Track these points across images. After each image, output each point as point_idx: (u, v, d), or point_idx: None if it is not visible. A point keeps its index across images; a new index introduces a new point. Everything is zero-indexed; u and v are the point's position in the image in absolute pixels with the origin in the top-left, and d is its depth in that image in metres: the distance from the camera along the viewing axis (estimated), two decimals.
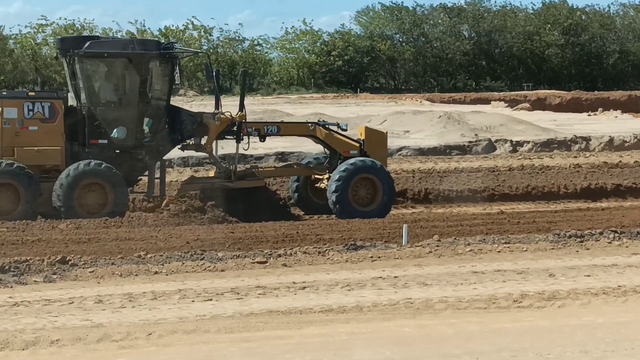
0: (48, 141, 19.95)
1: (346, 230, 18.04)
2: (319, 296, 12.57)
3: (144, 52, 20.71)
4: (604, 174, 26.91)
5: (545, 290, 12.70)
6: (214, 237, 17.27)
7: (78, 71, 20.36)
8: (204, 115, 21.17)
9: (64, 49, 20.69)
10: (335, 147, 21.68)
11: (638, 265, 14.34)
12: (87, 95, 20.35)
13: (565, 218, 19.41)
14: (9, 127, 19.77)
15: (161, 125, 20.76)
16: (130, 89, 20.70)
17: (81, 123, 20.27)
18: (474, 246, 15.95)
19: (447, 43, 74.21)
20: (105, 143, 20.38)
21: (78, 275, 14.09)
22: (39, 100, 20.14)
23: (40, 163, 19.94)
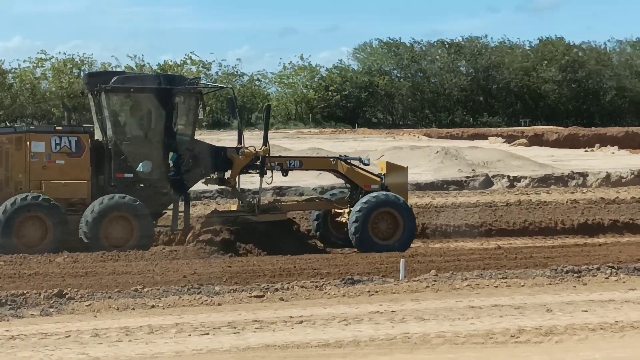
0: (75, 175, 20.22)
1: (343, 265, 18.03)
2: (316, 330, 12.54)
3: (170, 87, 20.89)
4: (601, 210, 26.94)
5: (543, 326, 12.68)
6: (211, 271, 17.26)
7: (105, 106, 20.54)
8: (227, 149, 21.37)
9: (91, 84, 20.96)
10: (356, 182, 21.79)
11: (635, 301, 14.33)
12: (113, 129, 20.58)
13: (562, 253, 19.40)
14: (36, 160, 19.99)
15: (185, 160, 20.89)
16: (156, 124, 20.93)
17: (107, 157, 20.47)
18: (471, 281, 15.95)
19: (444, 79, 74.59)
20: (130, 177, 20.60)
21: (75, 308, 14.07)
22: (65, 134, 20.39)
23: (67, 196, 20.12)
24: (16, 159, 20.00)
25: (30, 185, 19.95)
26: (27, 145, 20.02)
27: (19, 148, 20.03)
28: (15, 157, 20.01)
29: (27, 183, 19.97)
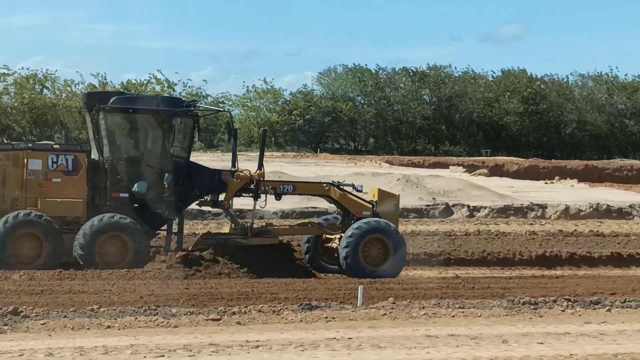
0: (71, 193, 20.27)
1: (302, 290, 18.01)
2: (272, 356, 12.51)
3: (168, 109, 20.98)
4: (559, 242, 27.09)
5: (498, 357, 12.70)
6: (169, 292, 17.19)
7: (102, 125, 20.65)
8: (222, 172, 21.52)
9: (89, 104, 21.07)
10: (348, 208, 21.89)
11: (590, 334, 14.39)
12: (110, 149, 20.71)
13: (519, 285, 19.47)
14: (33, 178, 20.08)
15: (180, 181, 21.00)
16: (153, 145, 21.12)
17: (103, 176, 20.56)
18: (429, 310, 15.96)
19: (408, 107, 74.90)
20: (126, 196, 20.63)
21: (29, 327, 13.96)
22: (63, 153, 20.47)
23: (63, 214, 20.19)
24: (13, 176, 20.15)
25: (26, 203, 20.00)
26: (25, 163, 20.17)
27: (16, 165, 20.17)
28: (12, 174, 20.15)
29: (24, 200, 20.03)
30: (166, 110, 20.90)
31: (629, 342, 13.90)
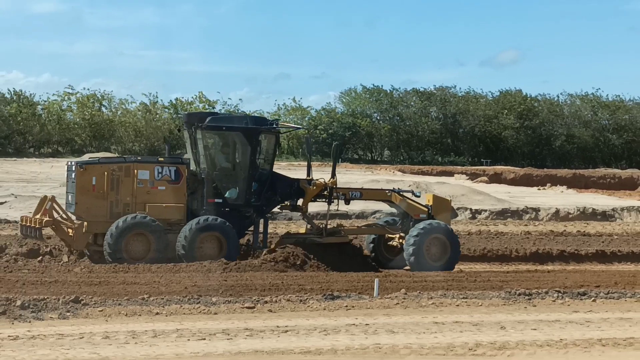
0: (173, 199, 20.60)
1: (325, 282, 17.98)
2: (299, 339, 12.50)
3: (256, 127, 21.19)
4: (550, 241, 26.99)
5: (497, 341, 12.66)
6: (209, 283, 17.19)
7: (199, 141, 20.97)
8: (300, 180, 21.75)
9: (189, 123, 21.33)
10: (407, 211, 21.95)
11: (578, 322, 14.34)
12: (206, 161, 20.93)
13: (515, 278, 19.38)
14: (141, 186, 20.37)
15: (265, 188, 21.21)
16: (242, 158, 21.18)
17: (200, 184, 20.85)
18: (436, 300, 15.93)
19: (418, 122, 74.78)
20: (220, 202, 20.87)
21: (89, 313, 14.01)
22: (166, 165, 20.75)
23: (166, 217, 20.44)
24: (125, 185, 20.31)
25: (136, 207, 20.29)
26: (135, 173, 20.41)
27: (127, 175, 20.37)
28: (124, 183, 20.32)
29: (134, 205, 20.31)
30: (254, 128, 21.11)
31: (611, 329, 13.84)
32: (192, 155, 21.15)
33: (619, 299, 16.71)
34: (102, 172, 20.26)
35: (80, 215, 20.26)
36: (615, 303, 16.33)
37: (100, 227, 20.08)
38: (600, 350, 12.40)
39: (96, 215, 20.11)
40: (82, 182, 20.11)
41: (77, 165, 20.31)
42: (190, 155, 21.20)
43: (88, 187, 20.10)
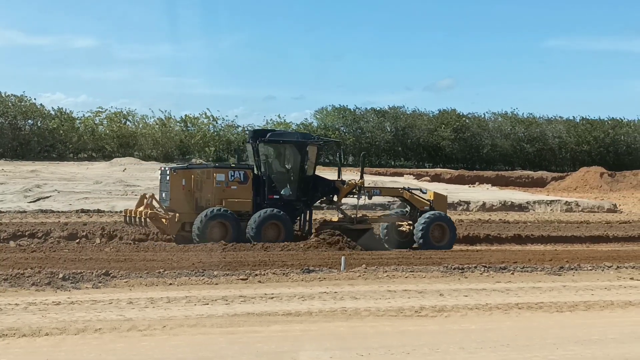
0: (243, 195, 21.15)
1: (303, 259, 17.96)
2: (282, 304, 12.49)
3: (304, 140, 21.79)
4: (478, 227, 27.09)
5: (437, 305, 12.70)
6: (212, 260, 17.14)
7: (261, 151, 21.43)
8: (335, 181, 22.28)
9: (254, 137, 21.73)
10: (415, 204, 22.56)
11: (500, 290, 14.40)
12: (266, 167, 21.45)
13: (451, 256, 19.46)
14: (219, 186, 20.95)
15: (309, 187, 21.78)
16: (294, 164, 21.76)
17: (262, 184, 21.38)
18: (389, 273, 15.95)
19: (375, 134, 74.82)
20: (277, 197, 21.44)
21: (116, 284, 13.94)
22: (237, 169, 21.42)
23: (238, 209, 20.94)
24: (207, 185, 20.87)
25: (215, 202, 20.79)
26: (214, 176, 20.99)
27: (208, 178, 20.93)
28: (206, 184, 20.88)
29: (213, 201, 20.82)
30: (302, 141, 21.73)
31: (526, 295, 13.91)
32: (255, 162, 21.64)
33: (532, 272, 16.80)
34: (190, 175, 20.95)
35: (173, 208, 20.80)
36: (529, 275, 16.41)
37: (188, 217, 20.64)
38: (517, 312, 12.47)
39: (185, 208, 20.71)
40: (174, 183, 20.77)
41: (171, 170, 21.01)
42: (253, 162, 21.73)
43: (179, 186, 20.73)
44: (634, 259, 19.37)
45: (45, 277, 13.87)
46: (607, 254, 20.95)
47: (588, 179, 57.67)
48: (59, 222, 23.54)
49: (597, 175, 57.91)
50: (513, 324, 11.57)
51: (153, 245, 19.98)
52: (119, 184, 38.84)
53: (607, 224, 29.83)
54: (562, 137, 77.82)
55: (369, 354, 9.63)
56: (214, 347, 9.79)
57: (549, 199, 38.22)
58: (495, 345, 10.16)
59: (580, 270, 17.22)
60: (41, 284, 13.44)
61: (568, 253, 20.79)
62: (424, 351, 9.77)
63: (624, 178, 58.20)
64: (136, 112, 70.53)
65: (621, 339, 10.72)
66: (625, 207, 39.81)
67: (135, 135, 67.15)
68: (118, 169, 49.89)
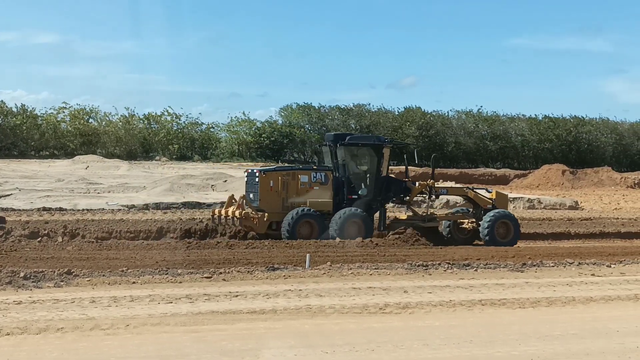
0: (324, 196, 22.17)
1: (268, 257, 17.93)
2: (247, 302, 12.46)
3: (380, 143, 22.60)
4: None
5: (401, 302, 12.75)
6: (176, 259, 17.04)
7: (339, 154, 22.39)
8: (407, 182, 23.17)
9: (333, 141, 22.60)
10: (479, 203, 23.43)
11: (463, 287, 14.50)
12: (345, 168, 22.41)
13: (416, 253, 19.53)
14: (303, 187, 22.02)
15: (384, 187, 22.63)
16: (370, 165, 22.65)
17: (341, 185, 22.36)
18: (354, 270, 15.98)
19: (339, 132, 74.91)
20: (356, 197, 22.32)
21: (78, 282, 13.80)
22: (319, 171, 22.46)
23: (321, 209, 21.91)
24: (291, 186, 21.91)
25: (300, 202, 21.80)
26: (298, 178, 22.07)
27: (293, 179, 21.99)
28: (291, 185, 21.91)
29: (299, 201, 21.80)
30: (379, 144, 22.56)
31: (489, 292, 14.02)
32: (333, 164, 22.57)
33: (495, 269, 16.93)
34: (277, 177, 21.95)
35: (262, 208, 21.72)
36: (492, 272, 16.54)
37: (276, 216, 21.65)
38: (480, 309, 12.56)
39: (273, 208, 21.71)
40: (263, 184, 21.77)
41: (260, 172, 22.03)
42: (332, 165, 22.62)
43: (267, 188, 21.76)
44: (595, 256, 19.63)
45: (6, 276, 13.69)
46: (568, 250, 21.20)
47: (550, 176, 58.37)
48: (20, 220, 23.25)
49: (559, 173, 58.63)
50: (476, 320, 11.66)
51: (116, 243, 19.79)
52: (82, 181, 38.48)
53: (568, 221, 30.18)
54: (525, 135, 78.60)
55: (333, 351, 9.64)
56: (177, 345, 9.73)
57: (512, 196, 38.53)
58: (458, 341, 10.23)
59: (543, 266, 17.40)
60: (2, 283, 13.27)
61: (530, 250, 21.01)
62: (388, 348, 9.80)
63: (585, 175, 59.00)
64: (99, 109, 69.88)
65: (582, 335, 10.86)
66: (587, 204, 40.35)
67: (98, 133, 66.56)
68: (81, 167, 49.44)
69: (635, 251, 21.22)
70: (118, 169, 48.81)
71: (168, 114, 71.04)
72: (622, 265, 17.97)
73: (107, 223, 22.97)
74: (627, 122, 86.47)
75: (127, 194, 34.19)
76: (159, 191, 34.58)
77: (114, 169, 48.73)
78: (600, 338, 10.68)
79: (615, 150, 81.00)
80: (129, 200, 31.00)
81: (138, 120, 69.18)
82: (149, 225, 22.39)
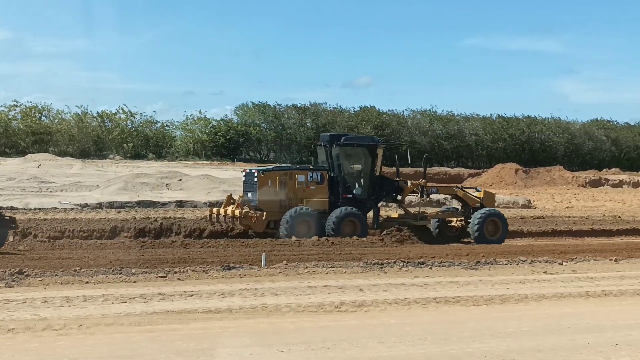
0: (320, 195, 22.63)
1: (223, 256, 17.85)
2: (202, 301, 12.39)
3: (374, 144, 23.22)
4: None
5: (357, 300, 12.79)
6: (130, 258, 16.88)
7: (334, 154, 22.82)
8: (399, 181, 23.84)
9: (329, 141, 23.01)
10: (467, 202, 23.99)
11: (418, 284, 14.59)
12: (340, 168, 22.87)
13: (371, 252, 19.61)
14: (299, 187, 22.46)
15: (377, 186, 23.21)
16: (365, 165, 23.20)
17: (336, 185, 22.86)
18: (310, 269, 15.99)
19: (296, 131, 74.91)
20: (350, 196, 22.89)
21: (30, 282, 13.58)
22: (315, 171, 22.95)
23: (317, 208, 22.31)
24: (289, 186, 22.36)
25: (297, 202, 22.31)
26: (295, 178, 22.53)
27: (290, 179, 22.45)
28: (289, 184, 22.36)
29: (295, 200, 22.32)
30: (373, 144, 23.20)
31: (444, 289, 14.13)
32: (329, 164, 22.97)
33: (449, 267, 17.07)
34: (275, 176, 22.41)
35: (261, 207, 22.06)
36: (446, 270, 16.67)
37: (274, 215, 21.99)
38: (435, 306, 12.65)
39: (272, 207, 22.08)
40: (262, 184, 22.18)
41: (258, 172, 22.49)
42: (327, 165, 23.02)
43: (266, 187, 22.15)
44: (548, 254, 19.91)
45: None
46: (521, 248, 21.47)
47: (503, 175, 59.02)
48: None
49: (512, 172, 59.32)
50: (431, 318, 11.74)
51: (69, 243, 19.54)
52: (33, 180, 37.90)
53: (521, 219, 30.57)
54: (479, 135, 79.43)
55: (289, 349, 9.63)
56: (132, 345, 9.64)
57: None
58: (413, 339, 10.29)
59: (496, 264, 17.59)
60: None
61: (484, 248, 21.22)
62: (343, 346, 9.83)
63: (537, 174, 59.80)
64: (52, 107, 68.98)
65: (535, 332, 11.00)
66: (539, 202, 40.92)
67: (50, 131, 65.66)
68: (32, 165, 48.68)
69: (587, 249, 21.59)
70: (71, 168, 48.16)
71: (122, 112, 70.37)
72: (573, 263, 18.27)
73: (60, 222, 22.66)
74: (578, 122, 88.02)
75: (80, 193, 33.76)
76: (112, 190, 34.20)
77: (67, 168, 48.07)
78: (552, 335, 10.84)
79: (567, 149, 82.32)
80: (82, 199, 30.62)
81: (91, 119, 68.40)
82: (103, 225, 22.15)
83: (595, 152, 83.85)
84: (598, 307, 13.05)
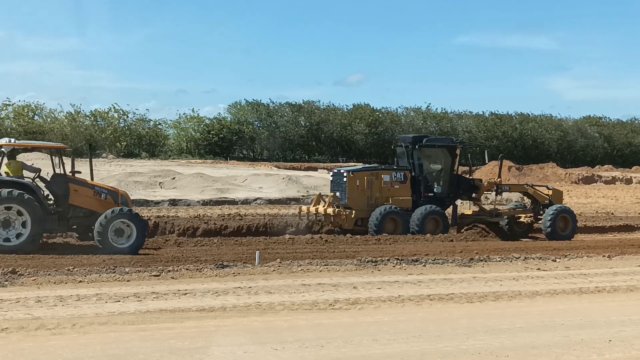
0: (404, 194, 23.84)
1: (217, 254, 17.84)
2: (196, 300, 12.37)
3: (454, 144, 24.33)
4: None
5: (351, 298, 12.79)
6: (123, 257, 16.85)
7: (416, 155, 23.94)
8: (475, 180, 25.05)
9: (412, 143, 24.08)
10: (538, 199, 25.02)
11: (412, 282, 14.60)
12: (422, 168, 23.98)
13: (365, 249, 19.64)
14: (385, 186, 23.71)
15: (455, 185, 24.32)
16: (445, 165, 24.25)
17: (417, 184, 24.05)
18: (304, 267, 15.99)
19: (289, 129, 74.89)
20: (432, 195, 24.08)
21: (23, 282, 13.55)
22: (398, 171, 24.10)
23: (401, 206, 23.49)
24: (375, 185, 23.58)
25: (382, 200, 23.50)
26: (381, 177, 23.78)
27: (377, 179, 23.69)
28: (375, 184, 23.58)
29: (382, 199, 23.53)
30: (452, 145, 24.29)
31: (437, 287, 14.15)
32: (410, 164, 24.06)
33: (443, 264, 17.10)
34: (363, 176, 23.59)
35: (350, 206, 23.32)
36: (440, 267, 16.70)
37: (362, 213, 23.25)
38: (429, 304, 12.67)
39: (360, 206, 23.34)
40: (351, 183, 23.42)
41: (347, 172, 23.58)
42: (409, 165, 24.09)
43: (355, 187, 23.39)
44: (541, 250, 19.96)
45: None
46: (515, 245, 21.51)
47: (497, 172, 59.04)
48: None
49: (505, 169, 59.39)
50: (425, 315, 11.75)
51: (62, 242, 19.49)
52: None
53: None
54: (472, 132, 79.53)
55: (283, 347, 9.63)
56: (125, 344, 9.62)
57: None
58: (407, 336, 10.30)
59: (490, 261, 17.63)
60: None
61: (478, 245, 21.27)
62: (337, 344, 9.82)
63: (530, 171, 59.92)
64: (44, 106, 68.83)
65: (529, 328, 11.02)
66: None
67: (43, 130, 65.53)
68: None
69: (580, 246, 21.65)
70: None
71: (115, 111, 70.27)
72: (566, 260, 18.32)
73: None
74: (571, 119, 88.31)
75: None
76: None
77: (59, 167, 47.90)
78: (546, 331, 10.86)
79: (560, 146, 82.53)
80: None
81: (84, 117, 68.28)
82: None
83: (587, 149, 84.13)
84: (591, 303, 13.08)
